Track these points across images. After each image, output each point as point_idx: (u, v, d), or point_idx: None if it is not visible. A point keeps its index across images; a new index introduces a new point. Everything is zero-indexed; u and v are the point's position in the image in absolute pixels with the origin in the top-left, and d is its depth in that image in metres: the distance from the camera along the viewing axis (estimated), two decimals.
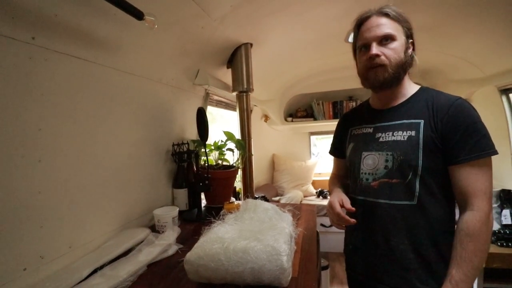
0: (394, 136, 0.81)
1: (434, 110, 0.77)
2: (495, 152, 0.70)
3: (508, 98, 2.08)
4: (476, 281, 1.70)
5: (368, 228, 0.84)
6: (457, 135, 0.72)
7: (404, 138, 0.79)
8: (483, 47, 1.84)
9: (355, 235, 0.90)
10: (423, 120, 0.78)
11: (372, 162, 0.84)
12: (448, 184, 0.76)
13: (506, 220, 1.69)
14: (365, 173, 0.85)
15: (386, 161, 0.80)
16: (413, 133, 0.78)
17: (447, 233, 0.76)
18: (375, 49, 0.78)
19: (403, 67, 0.80)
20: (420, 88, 0.86)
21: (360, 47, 0.83)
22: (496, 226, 1.71)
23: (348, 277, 0.99)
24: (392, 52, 0.78)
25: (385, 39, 0.78)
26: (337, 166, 1.11)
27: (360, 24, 0.84)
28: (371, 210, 0.83)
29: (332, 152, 1.11)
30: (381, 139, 0.84)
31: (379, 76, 0.79)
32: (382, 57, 0.78)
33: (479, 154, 0.70)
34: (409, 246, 0.77)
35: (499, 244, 1.63)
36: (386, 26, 0.79)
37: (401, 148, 0.78)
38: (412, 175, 0.76)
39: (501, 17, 1.46)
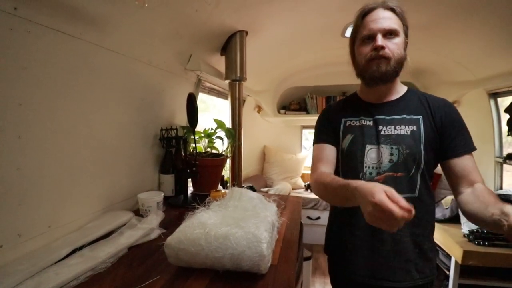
0: (397, 130, 0.82)
1: (431, 109, 0.83)
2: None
3: (496, 102, 2.12)
4: (452, 277, 1.77)
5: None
6: (453, 131, 0.80)
7: (407, 132, 0.81)
8: (477, 50, 1.86)
9: (357, 234, 0.86)
10: (421, 116, 0.82)
11: (375, 156, 0.83)
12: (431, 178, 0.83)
13: None
14: (369, 167, 0.83)
15: (391, 154, 0.81)
16: (415, 128, 0.82)
17: (434, 221, 0.87)
18: (381, 40, 0.77)
19: (402, 64, 0.81)
20: (408, 88, 0.90)
21: (364, 38, 0.81)
22: (474, 226, 1.76)
23: (344, 281, 0.92)
24: (396, 47, 0.78)
25: (390, 34, 0.78)
26: (326, 157, 0.93)
27: (364, 14, 0.82)
28: None
29: (324, 139, 0.95)
30: (383, 133, 0.83)
31: (382, 68, 0.79)
32: (387, 50, 0.77)
33: (472, 148, 0.81)
34: (410, 238, 0.81)
35: (476, 243, 1.68)
36: (392, 20, 0.79)
37: (406, 142, 0.80)
38: (415, 169, 0.80)
39: (495, 22, 1.47)
